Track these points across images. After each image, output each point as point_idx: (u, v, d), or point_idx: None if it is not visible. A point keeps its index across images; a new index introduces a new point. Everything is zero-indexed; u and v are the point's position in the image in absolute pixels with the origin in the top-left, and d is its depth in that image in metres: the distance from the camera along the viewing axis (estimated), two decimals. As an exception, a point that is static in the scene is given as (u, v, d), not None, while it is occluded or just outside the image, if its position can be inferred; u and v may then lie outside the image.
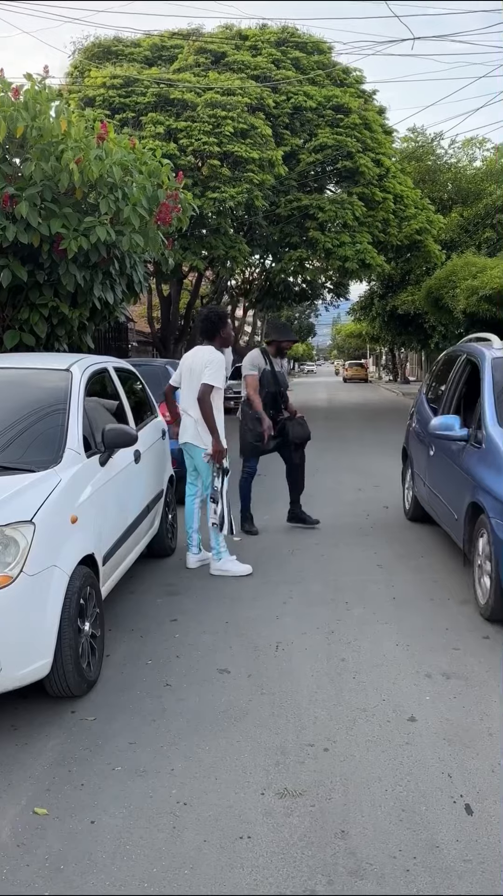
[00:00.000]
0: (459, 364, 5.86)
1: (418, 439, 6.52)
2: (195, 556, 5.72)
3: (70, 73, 17.44)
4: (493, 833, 2.51)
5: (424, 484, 6.06)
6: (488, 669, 3.76)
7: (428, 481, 5.94)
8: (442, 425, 5.11)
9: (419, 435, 6.49)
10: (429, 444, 5.86)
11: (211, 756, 3.01)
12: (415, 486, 6.55)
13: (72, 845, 2.49)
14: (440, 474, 5.56)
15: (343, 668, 3.81)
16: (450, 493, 5.22)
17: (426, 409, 6.47)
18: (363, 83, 19.55)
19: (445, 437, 5.13)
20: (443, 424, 5.11)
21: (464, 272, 17.20)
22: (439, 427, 5.13)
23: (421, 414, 6.68)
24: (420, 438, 6.39)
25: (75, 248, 5.91)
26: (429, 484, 5.87)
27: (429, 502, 5.98)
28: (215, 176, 14.11)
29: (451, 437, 5.05)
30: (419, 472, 6.35)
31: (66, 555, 3.36)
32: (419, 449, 6.42)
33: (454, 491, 5.09)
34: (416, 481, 6.52)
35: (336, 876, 2.32)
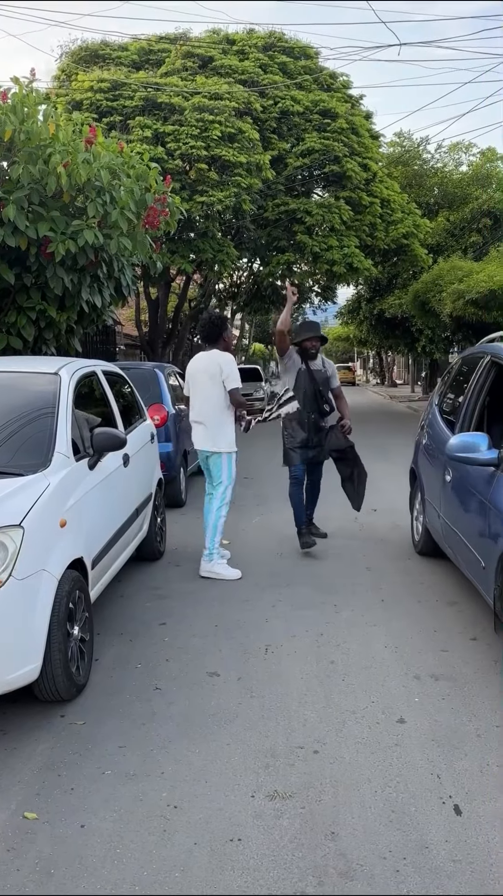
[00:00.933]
0: (482, 368, 4.80)
1: (430, 459, 5.49)
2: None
3: (57, 77, 17.40)
4: (482, 833, 2.53)
5: (438, 515, 5.01)
6: (476, 671, 3.78)
7: (443, 513, 4.87)
8: (463, 446, 4.09)
9: (431, 453, 5.48)
10: (446, 468, 4.81)
11: (201, 759, 3.01)
12: (427, 516, 5.50)
13: (62, 849, 2.48)
14: (460, 507, 4.50)
15: (332, 670, 3.82)
16: (475, 532, 4.15)
17: (440, 424, 5.47)
18: (350, 88, 19.62)
19: (468, 461, 4.10)
20: (465, 445, 4.09)
21: (450, 276, 17.31)
22: (460, 448, 4.09)
23: (433, 429, 5.65)
24: (432, 458, 5.41)
25: (63, 252, 5.90)
26: (446, 516, 4.80)
27: (446, 539, 4.89)
28: (203, 179, 14.11)
29: (476, 460, 4.03)
30: (432, 499, 5.30)
31: (55, 559, 3.35)
32: (432, 471, 5.37)
33: (480, 530, 4.03)
34: (428, 510, 5.42)
35: (326, 877, 2.33)
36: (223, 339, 5.72)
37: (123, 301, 8.15)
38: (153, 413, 7.59)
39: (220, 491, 5.63)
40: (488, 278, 14.76)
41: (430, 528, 5.46)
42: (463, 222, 25.12)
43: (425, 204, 25.41)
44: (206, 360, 5.67)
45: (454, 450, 4.13)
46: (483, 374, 4.76)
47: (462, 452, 4.07)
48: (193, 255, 15.38)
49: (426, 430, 5.95)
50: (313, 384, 6.01)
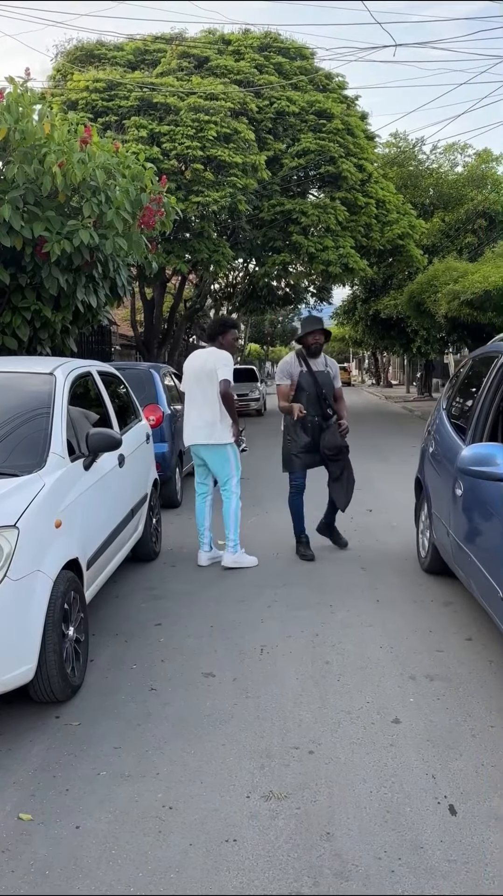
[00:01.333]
0: (497, 369, 4.36)
1: (438, 469, 4.99)
2: (206, 553, 5.87)
3: (52, 77, 17.39)
4: (477, 833, 2.53)
5: (448, 533, 4.51)
6: (471, 671, 3.78)
7: (454, 531, 4.34)
8: (477, 458, 3.67)
9: (439, 463, 5.02)
10: (456, 480, 4.30)
11: (196, 760, 3.01)
12: (435, 532, 5.04)
13: (57, 850, 2.48)
14: (473, 525, 4.02)
15: (327, 670, 3.83)
16: (490, 555, 3.71)
17: (449, 431, 5.00)
18: (345, 89, 19.66)
19: (483, 476, 3.67)
20: (479, 457, 3.66)
21: (445, 277, 17.36)
22: (473, 461, 3.66)
23: (441, 435, 5.17)
24: (441, 468, 4.92)
25: (58, 252, 5.89)
26: (457, 535, 4.28)
27: (456, 560, 4.40)
28: (199, 180, 14.12)
29: (492, 475, 3.60)
30: (440, 513, 4.80)
31: (50, 559, 3.35)
32: (440, 483, 4.87)
33: (496, 554, 3.63)
34: (436, 526, 4.96)
35: (322, 878, 2.33)
36: (220, 340, 5.78)
37: (119, 301, 8.15)
38: (148, 413, 7.58)
39: (234, 483, 5.75)
40: (483, 279, 14.79)
41: (439, 545, 4.94)
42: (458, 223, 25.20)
43: (420, 205, 25.47)
44: (202, 356, 5.77)
45: (467, 463, 3.70)
46: (497, 376, 4.31)
47: (476, 466, 3.65)
48: (189, 256, 15.39)
49: (433, 435, 5.45)
50: (316, 386, 5.85)
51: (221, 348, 5.75)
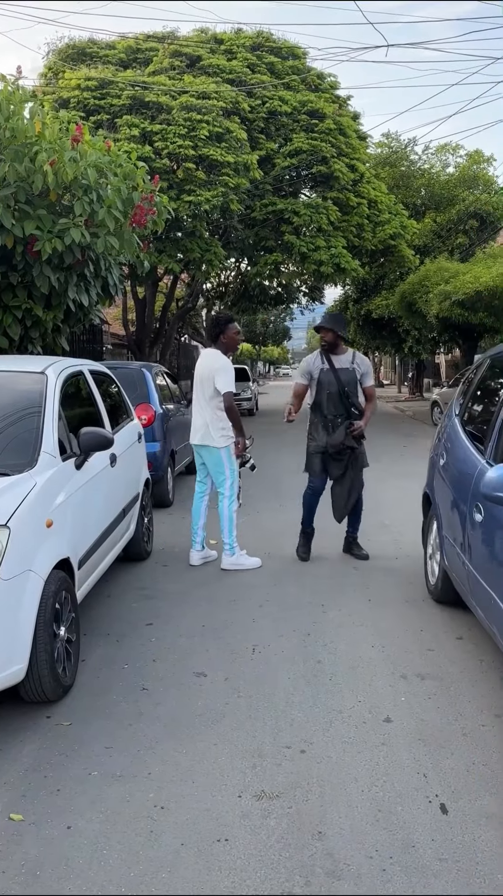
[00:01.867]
0: None
1: (452, 486, 4.34)
2: (198, 553, 5.86)
3: (44, 75, 17.32)
4: (468, 832, 2.54)
5: (464, 563, 3.88)
6: (462, 670, 3.80)
7: (472, 562, 3.73)
8: None
9: (452, 479, 4.37)
10: (474, 502, 3.68)
11: (188, 759, 3.01)
12: (448, 559, 4.38)
13: (48, 851, 2.47)
14: (495, 558, 3.40)
15: (319, 670, 3.83)
16: None
17: (464, 443, 4.32)
18: (338, 89, 19.65)
19: None
20: None
21: (436, 277, 17.41)
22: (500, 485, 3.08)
23: (455, 447, 4.51)
24: (455, 486, 4.25)
25: (49, 250, 5.87)
26: (475, 566, 3.67)
27: (474, 595, 3.75)
28: (191, 179, 14.09)
29: None
30: (453, 538, 4.17)
31: (41, 559, 3.33)
32: (453, 502, 4.23)
33: None
34: (448, 552, 4.32)
35: (313, 877, 2.33)
36: (222, 339, 5.75)
37: (110, 300, 8.12)
38: (140, 413, 7.57)
39: (227, 486, 5.72)
40: (474, 279, 14.85)
41: (453, 574, 4.27)
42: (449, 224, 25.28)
43: (412, 205, 25.53)
44: (206, 359, 5.78)
45: (492, 487, 3.13)
46: None
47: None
48: (181, 255, 15.36)
49: (444, 445, 4.82)
50: (338, 384, 5.59)
51: (226, 347, 5.73)
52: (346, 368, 5.65)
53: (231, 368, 5.67)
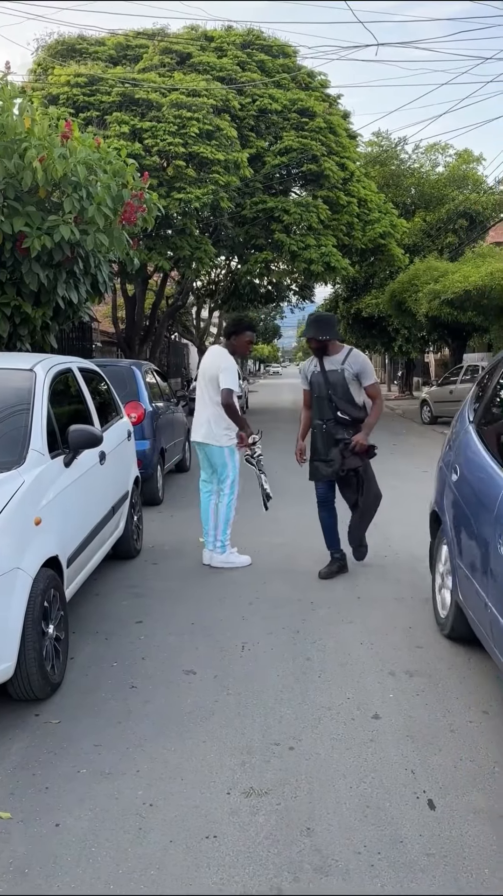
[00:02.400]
0: None
1: (467, 507, 3.66)
2: (211, 551, 5.79)
3: (33, 71, 17.24)
4: (456, 827, 2.56)
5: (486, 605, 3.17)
6: (450, 667, 3.81)
7: (495, 599, 3.04)
8: None
9: (468, 499, 3.68)
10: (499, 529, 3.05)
11: (177, 757, 3.01)
12: (462, 592, 3.71)
13: (36, 848, 2.46)
14: None
15: (308, 667, 3.84)
16: None
17: (482, 457, 3.65)
18: (328, 87, 19.67)
19: None
20: None
21: (426, 276, 17.46)
22: None
23: (470, 461, 3.83)
24: (472, 508, 3.57)
25: (38, 247, 5.84)
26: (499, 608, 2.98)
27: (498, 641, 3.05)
28: (181, 176, 14.08)
29: None
30: (469, 567, 3.51)
31: (29, 557, 3.32)
32: (469, 526, 3.57)
33: None
34: (464, 585, 3.64)
35: (302, 873, 2.34)
36: (232, 341, 5.77)
37: (100, 298, 8.10)
38: (130, 410, 7.55)
39: (228, 484, 5.73)
40: (463, 279, 14.90)
41: (468, 610, 3.62)
42: (439, 223, 25.34)
43: (402, 204, 25.59)
44: (212, 356, 5.77)
45: None
46: None
47: None
48: (171, 253, 15.33)
49: (456, 456, 4.14)
50: (325, 386, 5.22)
51: (233, 350, 5.73)
52: (335, 370, 5.21)
53: (236, 369, 5.64)
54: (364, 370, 5.23)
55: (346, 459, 5.15)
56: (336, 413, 5.22)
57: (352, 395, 5.23)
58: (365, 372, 5.24)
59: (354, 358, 5.26)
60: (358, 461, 5.17)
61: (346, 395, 5.21)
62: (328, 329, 5.27)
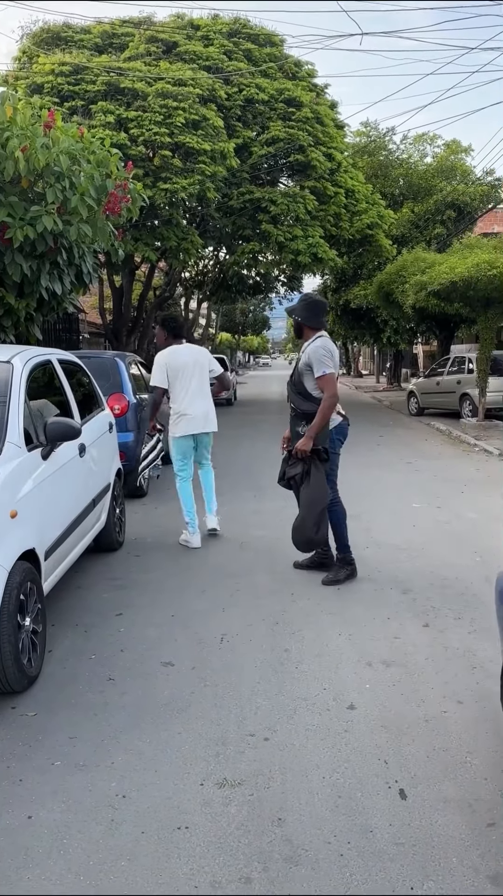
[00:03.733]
0: None
1: None
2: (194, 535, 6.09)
3: (18, 59, 17.06)
4: (426, 816, 2.58)
5: None
6: (427, 657, 3.84)
7: None
8: None
9: None
10: None
11: (151, 748, 3.02)
12: None
13: (8, 841, 2.47)
14: None
15: (286, 658, 3.86)
16: None
17: None
18: (315, 77, 19.56)
19: None
20: None
21: (413, 267, 17.44)
22: None
23: None
24: None
25: (21, 238, 5.80)
26: None
27: None
28: (167, 167, 13.98)
29: None
30: None
31: (4, 550, 3.32)
32: None
33: None
34: None
35: (271, 862, 2.36)
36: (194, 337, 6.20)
37: (84, 289, 8.05)
38: (113, 403, 7.53)
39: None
40: (450, 270, 14.88)
41: None
42: (427, 214, 25.32)
43: (390, 195, 25.53)
44: (192, 352, 6.18)
45: None
46: None
47: None
48: (158, 243, 15.25)
49: None
50: (291, 375, 5.05)
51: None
52: (299, 358, 5.01)
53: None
54: (318, 358, 4.78)
55: (288, 467, 4.90)
56: (290, 404, 5.01)
57: (304, 387, 4.88)
58: (319, 360, 4.78)
59: (314, 345, 4.86)
60: (298, 468, 4.82)
61: (299, 386, 4.91)
62: (306, 311, 4.98)
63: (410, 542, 6.10)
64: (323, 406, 4.75)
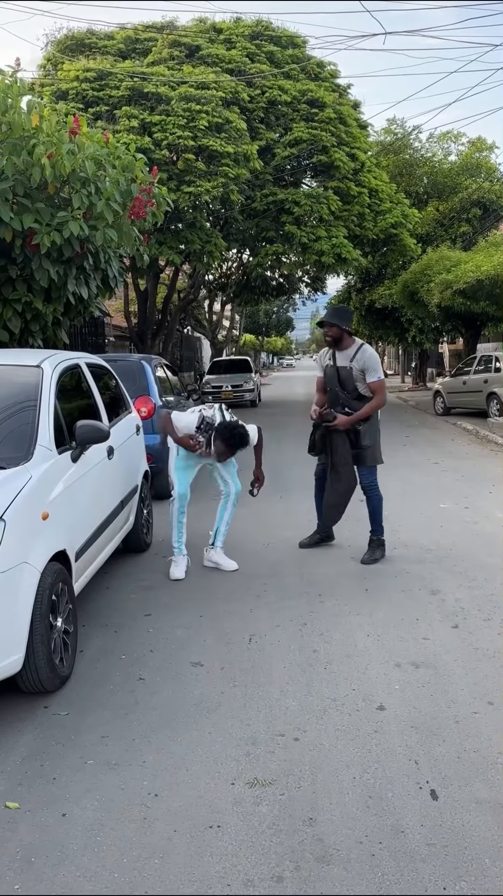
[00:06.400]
0: None
1: None
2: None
3: (43, 66, 17.27)
4: (457, 817, 2.57)
5: None
6: (456, 658, 3.82)
7: None
8: None
9: None
10: None
11: (182, 748, 3.04)
12: None
13: (43, 838, 2.51)
14: None
15: (314, 659, 3.86)
16: None
17: None
18: (337, 77, 19.55)
19: None
20: None
21: (438, 266, 17.35)
22: None
23: None
24: None
25: (48, 243, 5.88)
26: None
27: None
28: (190, 170, 14.07)
29: None
30: None
31: (37, 551, 3.37)
32: None
33: None
34: None
35: (303, 862, 2.37)
36: None
37: (110, 293, 8.13)
38: (140, 405, 7.59)
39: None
40: (475, 268, 14.79)
41: None
42: (452, 212, 25.13)
43: (415, 193, 25.38)
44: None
45: None
46: None
47: None
48: (182, 246, 15.34)
49: None
50: (336, 381, 5.51)
51: None
52: (345, 366, 5.46)
53: None
54: (371, 366, 5.45)
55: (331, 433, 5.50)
56: (344, 409, 5.49)
57: (359, 392, 5.50)
58: (372, 368, 5.46)
59: (363, 354, 5.46)
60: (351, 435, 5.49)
61: (354, 392, 5.49)
62: (347, 320, 5.59)
63: (438, 542, 6.07)
64: (375, 403, 5.48)
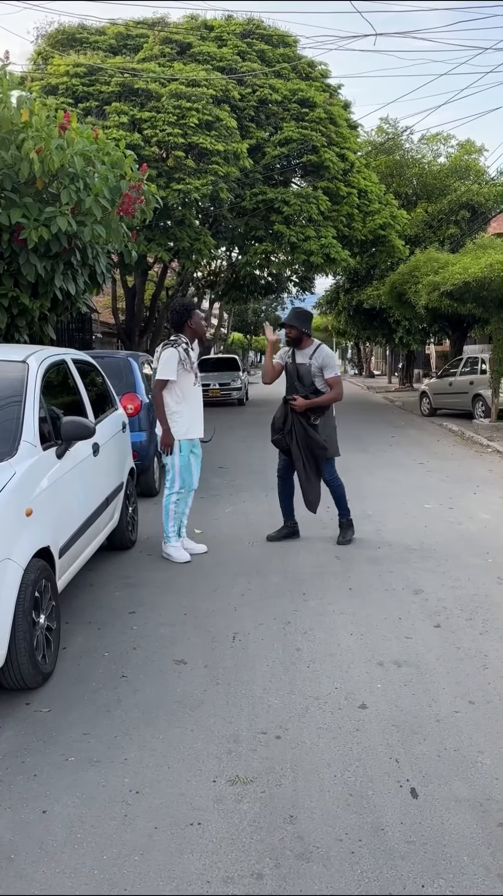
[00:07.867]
0: None
1: None
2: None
3: (33, 60, 17.17)
4: (437, 815, 2.59)
5: None
6: (438, 657, 3.85)
7: None
8: None
9: None
10: None
11: (164, 745, 3.05)
12: None
13: (23, 835, 2.50)
14: None
15: (298, 657, 3.87)
16: None
17: None
18: (328, 77, 19.54)
19: None
20: None
21: (426, 268, 17.40)
22: None
23: None
24: None
25: (35, 238, 5.85)
26: None
27: None
28: (180, 167, 14.03)
29: None
30: None
31: (20, 548, 3.35)
32: None
33: None
34: None
35: (283, 859, 2.38)
36: (190, 326, 5.79)
37: (98, 289, 8.10)
38: (126, 402, 7.58)
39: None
40: (463, 270, 14.83)
41: None
42: (441, 214, 25.22)
43: (404, 195, 25.45)
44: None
45: None
46: None
47: None
48: (170, 243, 15.30)
49: None
50: (295, 375, 5.93)
51: (193, 334, 5.79)
52: (304, 364, 5.90)
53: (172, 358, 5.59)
54: (328, 363, 5.94)
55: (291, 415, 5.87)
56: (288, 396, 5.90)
57: (315, 387, 5.91)
58: (329, 365, 5.94)
59: (321, 352, 5.94)
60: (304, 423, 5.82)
61: (311, 387, 5.91)
62: (306, 323, 6.01)
63: (422, 542, 6.10)
64: (332, 395, 5.90)
